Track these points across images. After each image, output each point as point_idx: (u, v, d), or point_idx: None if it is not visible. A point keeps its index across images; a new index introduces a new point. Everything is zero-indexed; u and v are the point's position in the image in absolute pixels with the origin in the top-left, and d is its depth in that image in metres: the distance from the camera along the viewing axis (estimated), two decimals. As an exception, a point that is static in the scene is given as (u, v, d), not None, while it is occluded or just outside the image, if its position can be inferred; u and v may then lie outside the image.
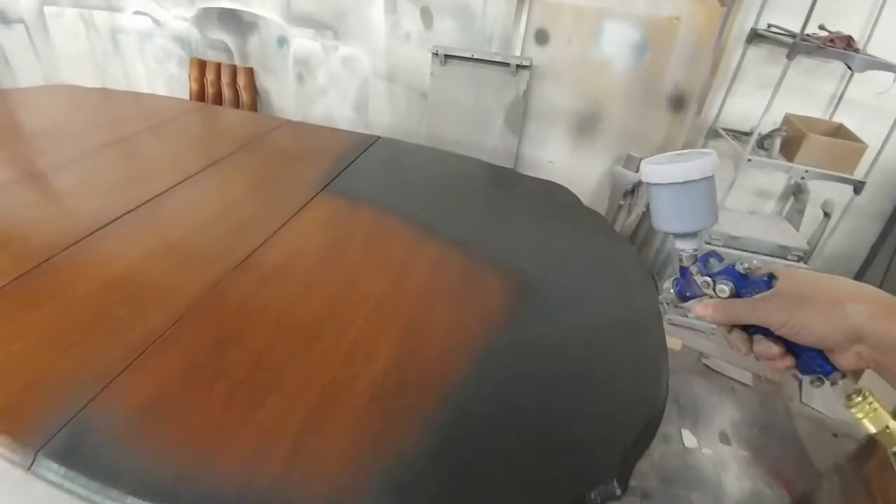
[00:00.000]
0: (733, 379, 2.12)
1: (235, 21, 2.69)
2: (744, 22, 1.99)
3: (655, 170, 0.45)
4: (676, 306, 0.53)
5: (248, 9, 2.63)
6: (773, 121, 2.00)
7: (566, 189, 1.34)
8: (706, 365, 2.18)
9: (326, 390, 0.64)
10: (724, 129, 2.16)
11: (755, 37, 2.00)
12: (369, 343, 0.72)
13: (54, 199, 1.05)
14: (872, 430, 0.40)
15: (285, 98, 2.87)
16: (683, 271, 0.49)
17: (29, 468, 0.55)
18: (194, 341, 0.69)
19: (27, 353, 0.66)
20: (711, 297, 0.46)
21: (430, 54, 2.29)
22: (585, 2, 2.15)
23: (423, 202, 1.19)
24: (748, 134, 2.06)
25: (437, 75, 2.34)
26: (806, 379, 0.44)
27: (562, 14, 2.20)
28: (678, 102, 2.22)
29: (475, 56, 2.24)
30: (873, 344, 0.38)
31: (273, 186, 1.18)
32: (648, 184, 0.47)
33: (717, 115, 2.19)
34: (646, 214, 2.30)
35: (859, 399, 0.40)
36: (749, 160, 1.93)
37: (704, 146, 2.26)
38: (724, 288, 0.45)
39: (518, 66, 2.19)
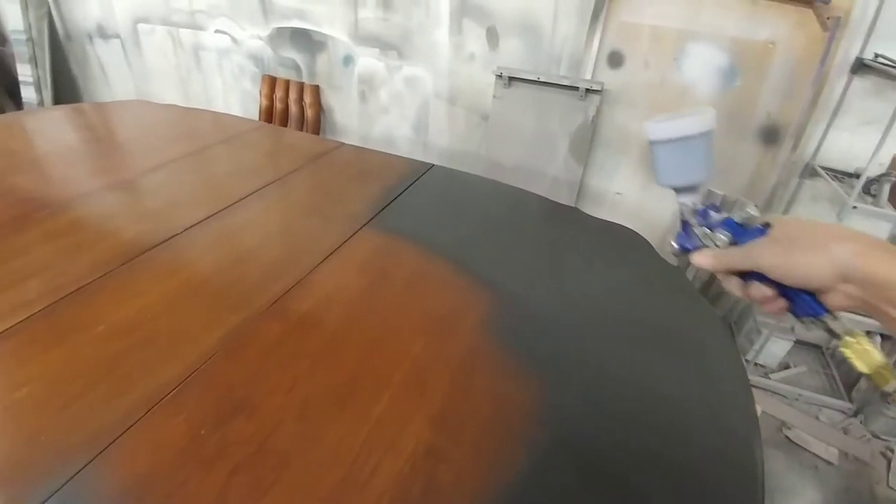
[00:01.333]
0: (817, 455, 1.82)
1: (306, 40, 2.75)
2: (848, 50, 1.73)
3: (656, 127, 0.48)
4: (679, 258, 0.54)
5: (319, 28, 2.68)
6: (879, 162, 1.71)
7: (638, 235, 1.18)
8: (787, 437, 1.89)
9: (336, 492, 0.54)
10: (824, 168, 1.88)
11: (861, 67, 1.72)
12: (394, 428, 0.61)
13: (102, 220, 1.05)
14: (865, 369, 0.41)
15: (348, 116, 2.89)
16: (685, 225, 0.52)
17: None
18: (201, 406, 0.62)
19: (30, 403, 0.61)
20: (711, 247, 0.48)
21: (494, 76, 2.20)
22: (667, 22, 1.96)
23: (474, 245, 1.08)
24: (851, 175, 1.77)
25: (499, 97, 2.24)
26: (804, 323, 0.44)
27: (640, 35, 2.03)
28: (771, 135, 1.97)
29: (541, 78, 2.12)
30: (858, 282, 0.39)
31: (316, 217, 1.12)
32: (651, 142, 0.49)
33: (816, 152, 1.91)
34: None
35: (852, 340, 0.41)
36: (854, 207, 1.65)
37: (800, 185, 1.98)
38: (722, 237, 0.47)
39: (588, 90, 2.04)
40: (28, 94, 3.17)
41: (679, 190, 0.51)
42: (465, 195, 1.32)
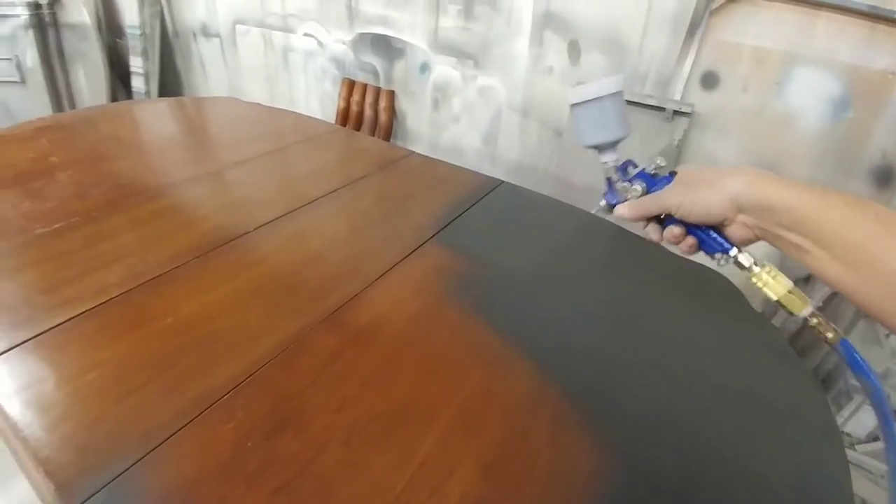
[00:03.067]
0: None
1: (386, 46, 2.81)
2: None
3: (574, 91, 0.54)
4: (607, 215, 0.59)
5: (400, 35, 2.72)
6: None
7: (729, 283, 1.05)
8: (875, 520, 1.65)
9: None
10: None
11: None
12: (442, 469, 0.57)
13: (184, 211, 1.10)
14: (774, 297, 0.44)
15: (419, 122, 2.91)
16: (608, 182, 0.57)
17: (57, 528, 0.50)
18: (251, 415, 0.61)
19: (97, 387, 0.63)
20: (630, 199, 0.53)
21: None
22: (772, 43, 1.79)
23: (539, 273, 1.02)
24: None
25: (576, 114, 2.15)
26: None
27: (740, 55, 1.86)
28: (885, 176, 1.73)
29: (624, 97, 2.01)
30: (750, 209, 0.43)
31: (381, 227, 1.11)
32: (571, 106, 0.56)
33: (946, 199, 1.66)
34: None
35: (760, 270, 0.45)
36: None
37: (921, 234, 1.72)
38: (637, 188, 0.53)
39: (675, 111, 1.91)
40: (137, 84, 3.48)
41: (600, 149, 0.56)
42: (535, 217, 1.26)
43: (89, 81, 3.35)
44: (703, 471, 0.65)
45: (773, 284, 0.44)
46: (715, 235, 0.48)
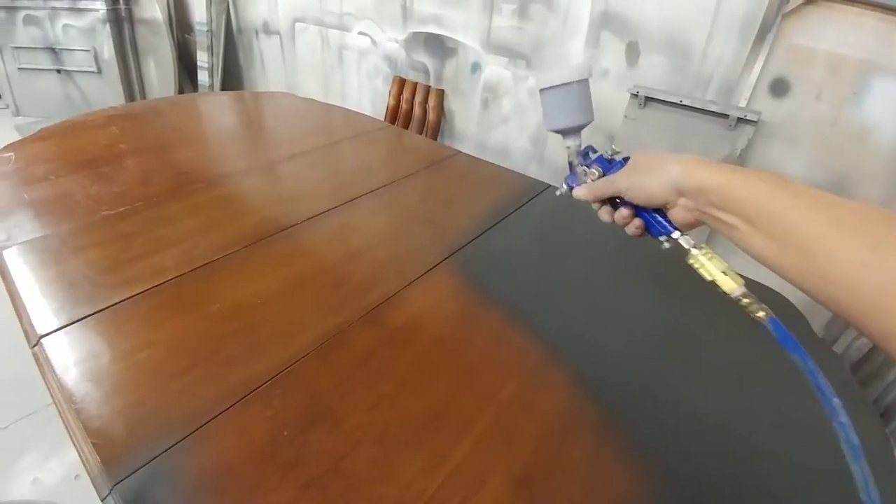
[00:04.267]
0: None
1: (438, 46, 2.81)
2: None
3: (542, 77, 0.57)
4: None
5: (452, 35, 2.72)
6: None
7: (793, 307, 0.97)
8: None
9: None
10: None
11: None
12: (474, 479, 0.56)
13: (236, 202, 1.14)
14: (708, 277, 0.46)
15: (467, 121, 2.90)
16: (570, 166, 0.60)
17: (103, 499, 0.52)
18: (288, 406, 0.62)
19: (148, 365, 0.66)
20: (588, 182, 0.56)
21: (628, 94, 2.03)
22: (850, 50, 1.65)
23: (586, 284, 0.98)
24: None
25: (631, 118, 2.07)
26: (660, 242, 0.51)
27: (813, 62, 1.73)
28: (983, 199, 1.55)
29: (684, 101, 1.91)
30: (688, 192, 0.45)
31: (425, 226, 1.10)
32: (540, 91, 0.57)
33: None
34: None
35: (697, 252, 0.47)
36: None
37: None
38: (594, 171, 0.56)
39: (740, 119, 1.79)
40: (202, 77, 3.67)
41: (564, 133, 0.58)
42: (580, 224, 1.22)
43: (159, 73, 3.57)
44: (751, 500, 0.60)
45: (708, 266, 0.46)
46: (660, 218, 0.50)
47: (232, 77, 4.03)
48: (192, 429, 0.57)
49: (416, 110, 3.02)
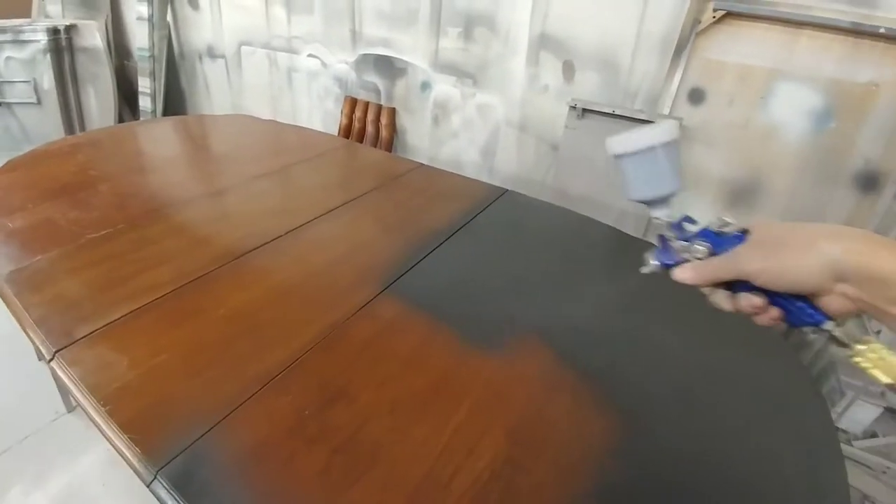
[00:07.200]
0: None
1: (388, 66, 2.93)
2: None
3: (618, 140, 0.47)
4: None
5: (401, 56, 2.85)
6: None
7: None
8: (874, 513, 1.71)
9: (422, 487, 0.58)
10: (932, 220, 1.74)
11: None
12: (473, 437, 0.65)
13: (217, 220, 1.18)
14: (886, 379, 0.37)
15: (420, 138, 3.02)
16: (662, 239, 0.50)
17: (149, 485, 0.57)
18: (304, 390, 0.69)
19: (164, 369, 0.71)
20: (691, 260, 0.46)
21: (567, 107, 2.24)
22: (756, 61, 1.92)
23: (549, 275, 1.10)
24: (969, 229, 1.62)
25: (571, 128, 2.27)
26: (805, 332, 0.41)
27: (724, 72, 2.00)
28: (869, 182, 1.85)
29: (616, 111, 2.13)
30: (854, 280, 0.36)
31: (400, 231, 1.19)
32: (615, 156, 0.48)
33: (923, 203, 1.78)
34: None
35: (864, 349, 0.38)
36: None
37: (900, 237, 1.84)
38: (700, 248, 0.45)
39: (665, 125, 2.03)
40: (144, 103, 3.58)
41: (651, 204, 0.50)
42: (539, 222, 1.36)
43: (98, 102, 3.45)
44: (706, 439, 0.73)
45: (883, 365, 0.37)
46: (803, 305, 0.40)
47: (175, 102, 3.95)
48: (221, 416, 0.63)
49: (369, 128, 3.11)
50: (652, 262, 0.50)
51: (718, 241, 0.45)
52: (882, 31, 1.65)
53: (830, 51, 1.79)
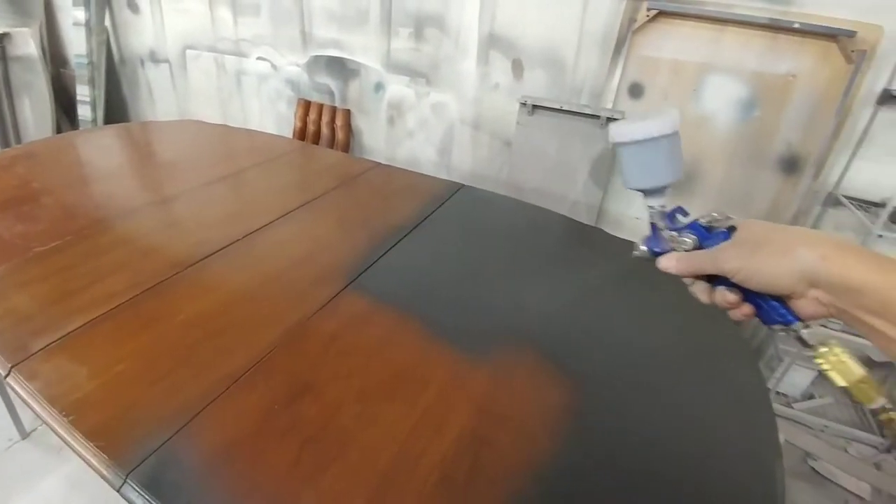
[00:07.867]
0: (847, 490, 1.79)
1: (340, 68, 2.92)
2: (874, 82, 1.79)
3: (620, 129, 0.48)
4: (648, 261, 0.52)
5: (353, 57, 2.85)
6: (907, 191, 1.75)
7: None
8: (814, 469, 1.87)
9: (392, 467, 0.62)
10: (848, 198, 1.92)
11: (888, 98, 1.79)
12: (440, 415, 0.69)
13: (171, 227, 1.16)
14: (842, 382, 0.39)
15: (376, 138, 3.03)
16: (653, 227, 0.51)
17: (119, 489, 0.57)
18: (272, 387, 0.71)
19: (127, 376, 0.71)
20: (677, 250, 0.47)
21: (518, 104, 2.32)
22: (687, 56, 2.06)
23: (504, 264, 1.16)
24: (877, 205, 1.81)
25: (523, 125, 2.35)
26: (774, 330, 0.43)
27: (660, 68, 2.13)
28: (791, 165, 2.03)
29: (564, 107, 2.23)
30: (827, 287, 0.37)
31: (361, 229, 1.22)
32: (616, 144, 0.50)
33: (839, 182, 1.96)
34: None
35: (826, 351, 0.40)
36: (880, 236, 1.69)
37: (822, 214, 2.03)
38: (687, 241, 0.47)
39: (609, 118, 2.14)
40: (84, 112, 3.41)
41: (647, 192, 0.50)
42: (496, 214, 1.42)
43: (34, 112, 3.26)
44: (648, 402, 0.80)
45: (842, 369, 0.39)
46: (776, 305, 0.41)
47: (116, 110, 3.78)
48: (188, 418, 0.64)
49: (324, 130, 3.09)
50: (641, 248, 0.51)
51: (706, 235, 0.46)
52: (797, 26, 1.82)
53: (752, 45, 1.95)
